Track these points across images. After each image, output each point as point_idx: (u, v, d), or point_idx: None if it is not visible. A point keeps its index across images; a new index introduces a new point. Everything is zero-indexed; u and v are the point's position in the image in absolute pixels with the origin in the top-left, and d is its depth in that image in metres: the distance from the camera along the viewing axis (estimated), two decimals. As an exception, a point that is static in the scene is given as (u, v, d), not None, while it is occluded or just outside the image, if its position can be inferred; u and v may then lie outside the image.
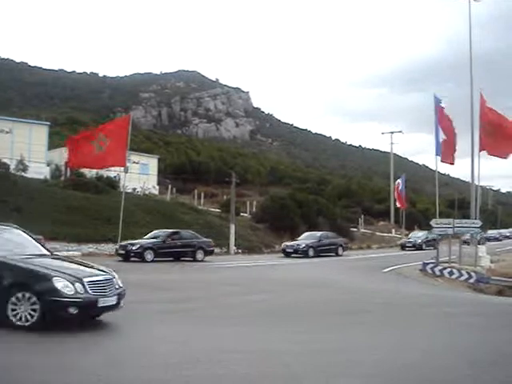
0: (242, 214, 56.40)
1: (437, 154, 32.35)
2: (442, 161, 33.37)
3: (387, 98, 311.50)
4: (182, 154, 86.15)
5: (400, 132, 77.45)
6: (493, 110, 31.08)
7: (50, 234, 33.88)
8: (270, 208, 52.87)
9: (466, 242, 35.03)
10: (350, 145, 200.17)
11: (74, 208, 38.66)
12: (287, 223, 50.98)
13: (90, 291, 10.57)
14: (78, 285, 10.40)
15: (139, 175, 59.32)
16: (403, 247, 53.71)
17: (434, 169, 36.43)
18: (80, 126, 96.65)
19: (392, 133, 75.19)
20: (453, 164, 34.15)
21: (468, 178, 34.15)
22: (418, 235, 56.09)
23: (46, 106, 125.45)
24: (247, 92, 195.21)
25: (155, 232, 34.45)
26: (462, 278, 27.66)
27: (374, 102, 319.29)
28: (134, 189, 52.59)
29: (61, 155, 57.32)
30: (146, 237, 33.84)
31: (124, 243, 32.06)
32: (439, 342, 11.18)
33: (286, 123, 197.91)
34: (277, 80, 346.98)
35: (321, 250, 42.46)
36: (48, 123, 54.20)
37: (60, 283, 10.26)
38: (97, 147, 32.93)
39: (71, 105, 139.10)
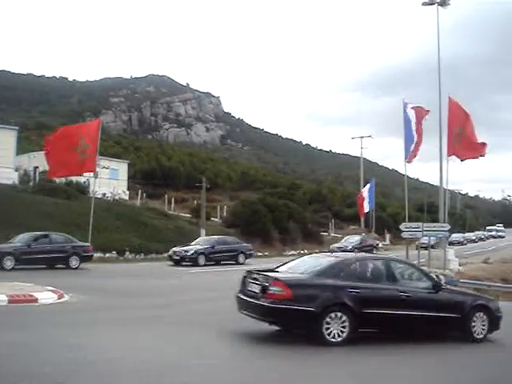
0: (212, 218, 56.42)
1: (406, 159, 32.67)
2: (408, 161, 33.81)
3: (358, 103, 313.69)
4: (152, 159, 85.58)
5: (370, 137, 77.44)
6: (461, 111, 31.40)
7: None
8: (241, 213, 52.92)
9: (422, 247, 35.19)
10: (321, 149, 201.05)
11: (44, 213, 38.29)
12: (259, 228, 51.09)
13: None
14: None
15: (109, 180, 58.91)
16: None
17: (403, 173, 36.78)
18: (49, 130, 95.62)
19: (362, 137, 75.44)
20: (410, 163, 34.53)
21: (437, 182, 34.49)
22: (351, 240, 50.19)
23: (15, 110, 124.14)
24: (218, 97, 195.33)
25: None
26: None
27: (346, 106, 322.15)
28: (104, 194, 52.26)
29: (30, 160, 56.84)
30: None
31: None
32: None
33: (256, 128, 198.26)
34: (248, 85, 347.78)
35: (216, 258, 35.78)
36: (16, 128, 53.52)
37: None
38: (80, 154, 32.56)
39: (40, 109, 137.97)
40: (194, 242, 36.65)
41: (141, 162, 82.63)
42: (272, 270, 12.57)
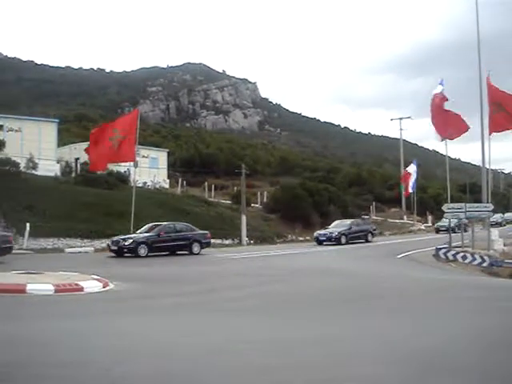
0: (252, 204, 56.50)
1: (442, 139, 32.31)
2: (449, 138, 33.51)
3: (393, 84, 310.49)
4: (191, 147, 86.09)
5: (409, 118, 77.13)
6: (500, 90, 30.92)
7: (64, 231, 34.25)
8: (281, 198, 52.95)
9: (441, 230, 34.80)
10: (359, 132, 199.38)
11: (86, 204, 38.77)
12: (299, 212, 51.03)
13: None
14: None
15: (149, 169, 59.48)
16: (319, 242, 42.63)
17: (444, 154, 36.31)
18: (89, 122, 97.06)
19: (401, 119, 74.89)
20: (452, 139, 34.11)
21: (479, 162, 33.98)
22: (342, 225, 45.08)
23: (54, 103, 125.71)
24: (254, 83, 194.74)
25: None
26: (476, 262, 27.69)
27: (381, 88, 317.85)
28: (145, 183, 52.76)
29: (71, 152, 57.68)
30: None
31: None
32: (462, 325, 11.16)
33: (294, 112, 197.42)
34: (283, 70, 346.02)
35: (162, 247, 34.01)
36: (57, 120, 54.28)
37: None
38: (115, 143, 33.42)
39: (79, 101, 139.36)
40: (138, 231, 32.91)
41: (180, 150, 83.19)
42: None
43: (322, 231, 43.98)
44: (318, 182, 62.17)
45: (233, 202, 53.03)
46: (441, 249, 30.66)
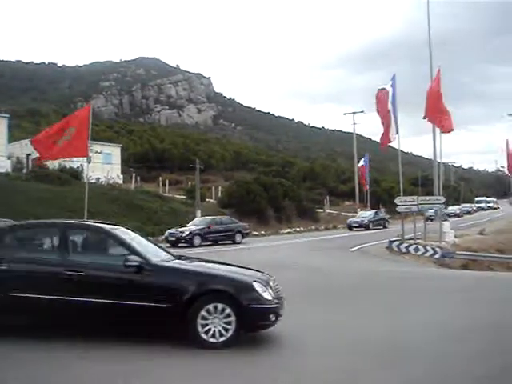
0: (207, 199, 56.41)
1: (396, 133, 32.61)
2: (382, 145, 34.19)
3: (345, 79, 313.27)
4: (145, 142, 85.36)
5: (362, 112, 77.31)
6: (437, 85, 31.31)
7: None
8: (236, 193, 52.89)
9: (429, 219, 35.52)
10: (313, 127, 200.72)
11: (39, 200, 38.21)
12: (254, 207, 51.08)
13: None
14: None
15: (102, 165, 58.78)
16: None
17: (397, 148, 36.77)
18: (41, 117, 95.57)
19: (354, 113, 75.28)
20: (390, 142, 34.51)
21: (430, 156, 34.55)
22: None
23: (4, 98, 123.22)
24: (209, 77, 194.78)
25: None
26: (428, 254, 28.14)
27: (333, 83, 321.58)
28: (98, 179, 52.09)
29: (22, 148, 56.55)
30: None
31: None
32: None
33: (248, 107, 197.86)
34: (238, 65, 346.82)
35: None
36: (7, 115, 53.22)
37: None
38: (67, 137, 32.75)
39: (31, 96, 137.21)
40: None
41: (134, 145, 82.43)
42: None
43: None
44: (272, 176, 62.28)
45: (187, 197, 52.80)
46: (394, 241, 31.05)
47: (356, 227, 51.96)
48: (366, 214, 55.49)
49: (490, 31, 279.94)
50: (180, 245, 33.97)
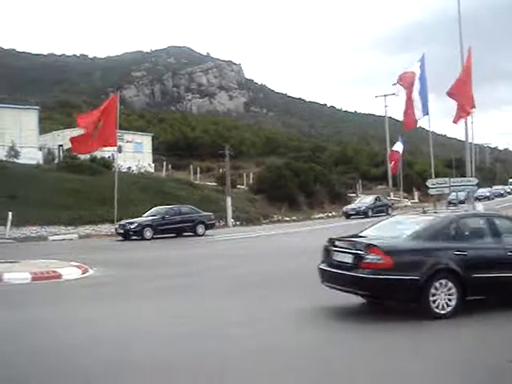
0: (238, 186, 56.36)
1: (425, 114, 31.92)
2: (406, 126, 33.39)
3: (377, 61, 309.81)
4: (176, 131, 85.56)
5: (393, 94, 76.19)
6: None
7: (48, 218, 33.99)
8: (267, 178, 52.79)
9: (451, 203, 34.80)
10: (346, 111, 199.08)
11: (69, 191, 38.50)
12: (285, 192, 50.92)
13: None
14: None
15: (134, 154, 59.12)
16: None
17: (429, 130, 36.15)
18: (72, 108, 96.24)
19: (385, 96, 74.38)
20: (415, 124, 33.78)
21: (464, 138, 33.75)
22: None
23: (36, 90, 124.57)
24: (239, 64, 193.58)
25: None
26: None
27: (365, 66, 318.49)
28: (129, 167, 52.41)
29: (54, 139, 57.20)
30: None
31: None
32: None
33: (279, 93, 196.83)
34: (267, 51, 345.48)
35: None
36: (37, 107, 53.70)
37: None
38: (96, 131, 33.20)
39: (62, 88, 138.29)
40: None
41: (165, 133, 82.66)
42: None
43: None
44: (303, 161, 61.89)
45: (218, 184, 52.78)
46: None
47: (353, 215, 48.01)
48: (366, 200, 51.47)
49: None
50: (132, 238, 31.30)
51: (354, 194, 63.34)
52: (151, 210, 34.20)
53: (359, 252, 9.81)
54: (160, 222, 32.75)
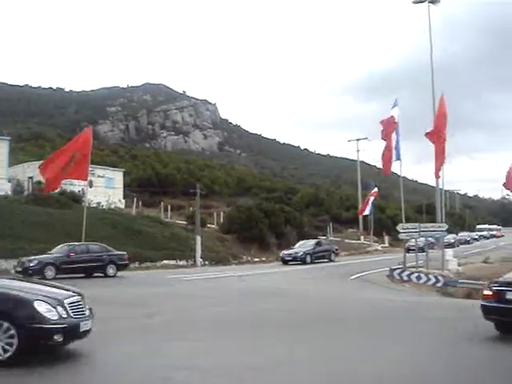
0: (209, 225, 55.97)
1: (397, 159, 32.20)
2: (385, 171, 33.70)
3: (350, 106, 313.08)
4: (148, 167, 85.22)
5: (366, 139, 77.43)
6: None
7: (11, 251, 33.23)
8: (237, 218, 52.52)
9: (410, 250, 34.77)
10: (319, 154, 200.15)
11: (37, 224, 37.88)
12: (255, 233, 50.74)
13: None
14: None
15: (105, 189, 58.55)
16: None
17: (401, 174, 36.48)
18: (45, 141, 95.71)
19: (358, 140, 75.43)
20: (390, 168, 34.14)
21: (435, 184, 34.06)
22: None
23: (11, 121, 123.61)
24: (214, 104, 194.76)
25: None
26: (430, 283, 27.54)
27: (338, 111, 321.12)
28: (99, 203, 51.80)
29: (24, 170, 56.48)
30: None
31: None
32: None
33: (254, 134, 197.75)
34: (243, 91, 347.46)
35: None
36: (8, 138, 53.08)
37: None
38: (71, 165, 32.94)
39: (37, 120, 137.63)
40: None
41: (137, 170, 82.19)
42: None
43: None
44: (274, 202, 61.81)
45: (188, 223, 52.34)
46: (395, 269, 30.47)
47: (290, 261, 43.71)
48: (306, 245, 46.20)
49: (496, 59, 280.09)
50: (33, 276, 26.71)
51: (324, 237, 63.26)
52: (57, 247, 31.21)
53: None
54: (64, 259, 29.76)
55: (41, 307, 9.17)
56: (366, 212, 65.16)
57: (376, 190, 65.59)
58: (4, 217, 36.80)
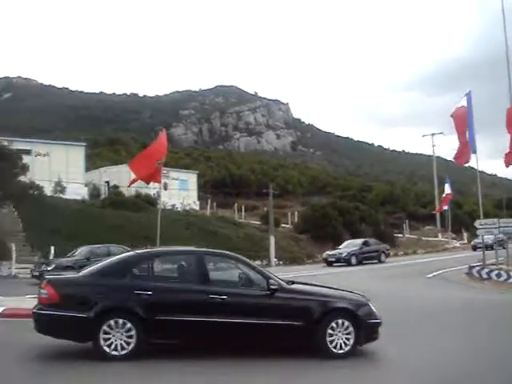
0: (283, 225, 55.87)
1: (473, 152, 31.06)
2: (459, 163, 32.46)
3: (422, 100, 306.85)
4: (222, 169, 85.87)
5: (441, 134, 75.50)
6: None
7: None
8: (311, 217, 52.26)
9: (477, 248, 33.47)
10: (393, 150, 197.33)
11: (113, 226, 38.62)
12: (329, 232, 50.34)
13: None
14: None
15: (179, 191, 59.26)
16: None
17: (479, 169, 35.30)
18: (120, 146, 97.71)
19: (433, 135, 73.83)
20: (467, 162, 32.92)
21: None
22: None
23: (89, 127, 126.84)
24: (287, 103, 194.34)
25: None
26: (511, 280, 26.50)
27: (410, 105, 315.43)
28: (174, 205, 52.44)
29: (100, 175, 57.81)
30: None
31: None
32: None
33: (327, 132, 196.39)
34: (315, 90, 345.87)
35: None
36: (84, 144, 54.53)
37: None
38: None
39: (112, 126, 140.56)
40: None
41: (211, 171, 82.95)
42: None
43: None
44: (349, 200, 61.23)
45: (262, 223, 52.38)
46: (474, 267, 29.57)
47: (333, 262, 41.17)
48: (352, 245, 43.08)
49: None
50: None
51: (400, 235, 62.18)
52: (77, 250, 29.96)
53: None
54: (84, 263, 26.42)
55: (373, 307, 10.53)
56: (444, 207, 63.77)
57: (449, 190, 63.06)
58: (81, 220, 37.71)
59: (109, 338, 9.17)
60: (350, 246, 42.95)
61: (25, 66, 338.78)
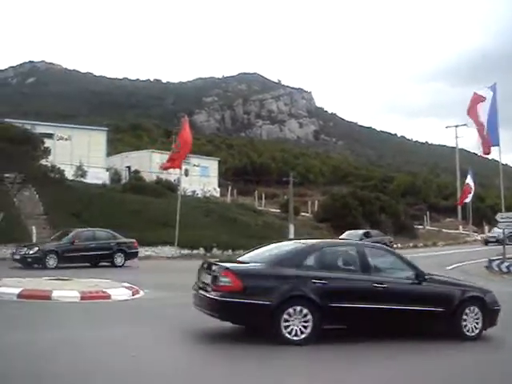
0: (302, 213, 55.78)
1: (495, 144, 30.53)
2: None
3: (445, 92, 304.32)
4: (243, 156, 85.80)
5: (465, 125, 74.51)
6: None
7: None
8: (331, 206, 52.12)
9: (489, 242, 33.02)
10: (416, 141, 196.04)
11: (133, 211, 38.66)
12: (349, 221, 50.02)
13: None
14: None
15: (200, 178, 59.37)
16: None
17: (503, 162, 34.91)
18: (142, 131, 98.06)
19: (456, 126, 72.93)
20: (488, 154, 32.27)
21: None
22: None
23: (111, 113, 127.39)
24: (310, 92, 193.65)
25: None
26: (531, 274, 26.26)
27: (431, 96, 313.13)
28: (194, 191, 52.52)
29: (122, 160, 58.05)
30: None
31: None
32: None
33: (349, 122, 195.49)
34: (338, 79, 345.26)
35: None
36: (106, 129, 54.72)
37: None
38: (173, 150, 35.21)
39: (136, 112, 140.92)
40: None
41: (232, 159, 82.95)
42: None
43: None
44: (370, 191, 60.91)
45: (281, 211, 52.32)
46: (494, 260, 29.28)
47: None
48: (351, 236, 40.13)
49: None
50: (34, 265, 25.36)
51: (421, 226, 61.73)
52: (61, 234, 28.53)
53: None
54: (68, 247, 26.76)
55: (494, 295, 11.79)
56: (467, 200, 62.99)
57: (471, 183, 61.89)
58: (102, 205, 37.89)
59: (288, 326, 9.74)
60: (349, 237, 41.59)
61: (49, 51, 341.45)
